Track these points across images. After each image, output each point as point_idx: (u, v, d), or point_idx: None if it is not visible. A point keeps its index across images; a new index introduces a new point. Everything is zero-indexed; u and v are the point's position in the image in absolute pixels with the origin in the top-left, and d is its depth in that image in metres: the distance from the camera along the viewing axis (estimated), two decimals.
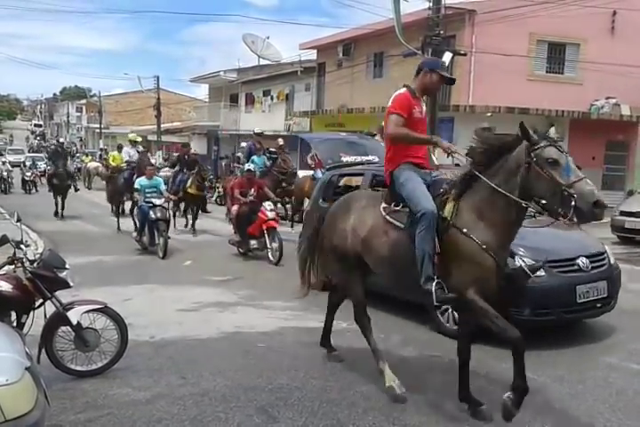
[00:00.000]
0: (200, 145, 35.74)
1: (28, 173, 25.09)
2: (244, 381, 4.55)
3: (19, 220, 4.92)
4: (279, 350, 5.31)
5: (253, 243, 10.16)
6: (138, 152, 14.80)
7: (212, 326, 6.03)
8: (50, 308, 4.47)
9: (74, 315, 4.48)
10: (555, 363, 5.06)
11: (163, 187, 11.05)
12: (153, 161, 16.25)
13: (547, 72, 18.50)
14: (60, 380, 4.44)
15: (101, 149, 37.90)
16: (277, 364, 4.94)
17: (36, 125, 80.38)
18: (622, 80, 17.06)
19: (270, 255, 9.78)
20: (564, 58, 18.56)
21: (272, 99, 28.75)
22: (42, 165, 27.45)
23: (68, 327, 4.51)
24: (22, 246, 4.55)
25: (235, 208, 10.51)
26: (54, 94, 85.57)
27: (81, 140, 59.53)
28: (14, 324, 4.19)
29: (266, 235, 9.85)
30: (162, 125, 36.08)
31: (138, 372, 4.71)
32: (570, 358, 5.23)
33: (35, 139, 63.93)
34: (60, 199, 15.72)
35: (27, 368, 3.06)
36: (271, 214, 9.92)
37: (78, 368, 4.59)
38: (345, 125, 22.89)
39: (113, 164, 16.43)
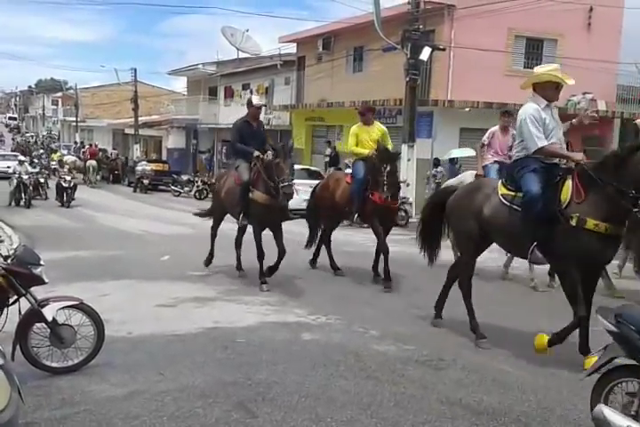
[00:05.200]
0: (178, 139, 35.49)
1: (68, 177, 18.50)
2: (222, 376, 4.53)
3: None
4: (258, 345, 5.30)
5: None
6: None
7: (191, 321, 6.00)
8: (24, 304, 4.40)
9: (49, 311, 4.42)
10: (531, 356, 5.12)
11: None
12: None
13: (524, 67, 18.63)
14: (35, 377, 4.38)
15: (76, 143, 37.14)
16: (256, 359, 4.92)
17: (10, 118, 78.89)
18: (598, 76, 17.28)
19: None
20: (541, 53, 18.74)
21: (251, 92, 28.59)
22: (20, 169, 18.24)
23: (44, 324, 4.45)
24: None
25: None
26: (29, 87, 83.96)
27: (50, 133, 57.70)
28: None
29: None
30: (139, 119, 35.68)
31: (115, 368, 4.66)
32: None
33: (17, 134, 61.40)
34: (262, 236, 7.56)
35: (0, 366, 3.02)
36: None
37: (54, 365, 4.53)
38: (325, 119, 22.92)
39: (358, 150, 7.94)
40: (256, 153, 7.43)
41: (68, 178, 18.52)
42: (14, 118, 79.37)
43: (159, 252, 10.10)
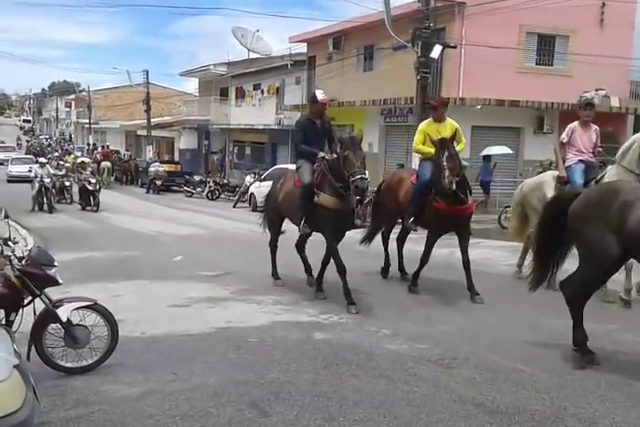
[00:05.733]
0: (190, 140, 35.65)
1: (93, 180, 17.16)
2: (235, 376, 4.55)
3: (6, 216, 4.88)
4: (270, 344, 5.31)
5: None
6: None
7: (204, 321, 6.02)
8: (39, 305, 4.45)
9: (63, 312, 4.46)
10: (544, 354, 5.09)
11: None
12: None
13: (536, 64, 18.53)
14: (50, 377, 4.42)
15: (88, 144, 37.57)
16: (268, 358, 4.94)
17: (24, 121, 79.69)
18: (611, 72, 17.12)
19: None
20: (553, 50, 18.59)
21: (262, 92, 28.68)
22: (41, 173, 17.30)
23: (58, 324, 4.49)
24: (10, 244, 4.52)
25: None
26: (43, 89, 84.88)
27: (62, 135, 58.21)
28: (3, 321, 4.17)
29: None
30: (152, 120, 35.89)
31: (129, 368, 4.70)
32: (559, 348, 5.26)
33: (32, 136, 61.96)
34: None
35: (15, 366, 3.06)
36: None
37: (69, 365, 4.57)
38: (336, 119, 22.89)
39: (425, 149, 7.28)
40: (321, 154, 6.71)
41: (94, 180, 17.59)
42: (28, 121, 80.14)
43: (172, 252, 10.17)
